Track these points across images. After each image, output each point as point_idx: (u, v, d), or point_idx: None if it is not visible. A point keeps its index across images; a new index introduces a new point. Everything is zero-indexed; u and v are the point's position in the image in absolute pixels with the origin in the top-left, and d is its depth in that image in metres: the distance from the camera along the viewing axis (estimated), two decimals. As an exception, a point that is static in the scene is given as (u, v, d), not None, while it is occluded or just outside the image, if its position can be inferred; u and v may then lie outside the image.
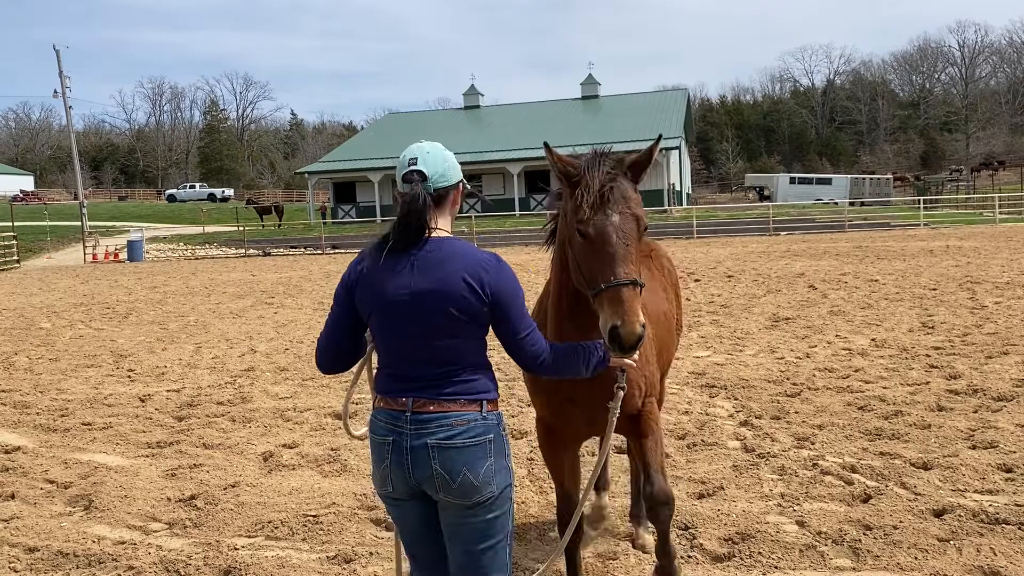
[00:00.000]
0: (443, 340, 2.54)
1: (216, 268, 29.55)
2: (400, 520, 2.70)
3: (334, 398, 7.81)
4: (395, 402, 2.59)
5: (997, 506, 4.43)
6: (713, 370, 8.26)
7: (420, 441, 2.52)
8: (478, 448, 2.53)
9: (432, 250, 2.56)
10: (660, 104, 54.70)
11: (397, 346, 2.59)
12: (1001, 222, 36.60)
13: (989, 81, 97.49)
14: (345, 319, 2.69)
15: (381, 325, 2.60)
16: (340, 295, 2.69)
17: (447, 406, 2.53)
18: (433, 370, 2.56)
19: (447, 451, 2.50)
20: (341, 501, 5.01)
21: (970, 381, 7.22)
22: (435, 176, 2.62)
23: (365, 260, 2.64)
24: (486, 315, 2.56)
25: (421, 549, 2.70)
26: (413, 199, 2.55)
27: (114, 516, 4.95)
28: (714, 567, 3.99)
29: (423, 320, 2.52)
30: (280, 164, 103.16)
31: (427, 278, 2.53)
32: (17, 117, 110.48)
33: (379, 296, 2.56)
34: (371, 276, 2.59)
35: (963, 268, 16.94)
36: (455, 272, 2.52)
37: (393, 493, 2.61)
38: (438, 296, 2.51)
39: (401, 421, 2.55)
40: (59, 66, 46.54)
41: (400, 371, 2.60)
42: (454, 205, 2.72)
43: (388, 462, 2.57)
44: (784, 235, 34.51)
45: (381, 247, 2.60)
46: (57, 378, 9.41)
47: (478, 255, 2.58)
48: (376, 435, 2.63)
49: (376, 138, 56.88)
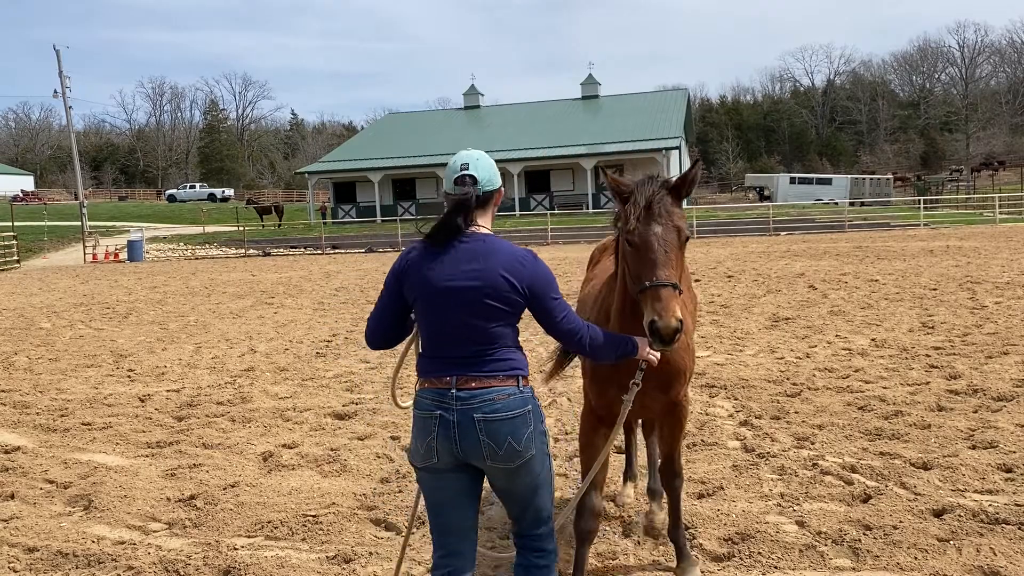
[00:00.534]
0: (482, 325, 2.84)
1: (216, 268, 29.55)
2: (438, 491, 2.91)
3: (334, 398, 7.81)
4: (439, 381, 2.87)
5: (997, 506, 4.43)
6: (713, 370, 8.26)
7: (466, 416, 2.80)
8: (519, 419, 2.84)
9: (475, 246, 2.88)
10: (660, 104, 54.68)
11: (440, 330, 2.88)
12: (1001, 222, 36.61)
13: (989, 81, 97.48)
14: (393, 304, 3.00)
15: (426, 311, 2.90)
16: (390, 282, 2.99)
17: (487, 382, 2.83)
18: (473, 350, 2.85)
19: (492, 423, 2.79)
20: (341, 501, 5.01)
21: (970, 381, 7.22)
22: (484, 181, 2.95)
23: (414, 251, 2.94)
24: (521, 306, 2.89)
25: (453, 517, 2.92)
26: (465, 200, 2.89)
27: (114, 516, 4.94)
28: (714, 567, 3.99)
29: (464, 308, 2.82)
30: (280, 164, 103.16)
31: (470, 271, 2.82)
32: (17, 117, 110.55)
33: (425, 285, 2.86)
34: (419, 266, 2.89)
35: (963, 268, 16.94)
36: (495, 267, 2.83)
37: (437, 464, 2.85)
38: (479, 288, 2.81)
39: (447, 398, 2.83)
40: (59, 66, 46.56)
41: (443, 353, 2.89)
42: (494, 207, 3.06)
43: (435, 435, 2.82)
44: (784, 235, 34.52)
45: (428, 240, 2.91)
46: (57, 378, 9.41)
47: (515, 252, 2.89)
48: (421, 411, 2.89)
49: (376, 138, 56.91)
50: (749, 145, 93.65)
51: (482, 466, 2.85)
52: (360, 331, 12.17)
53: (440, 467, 2.85)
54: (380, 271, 24.44)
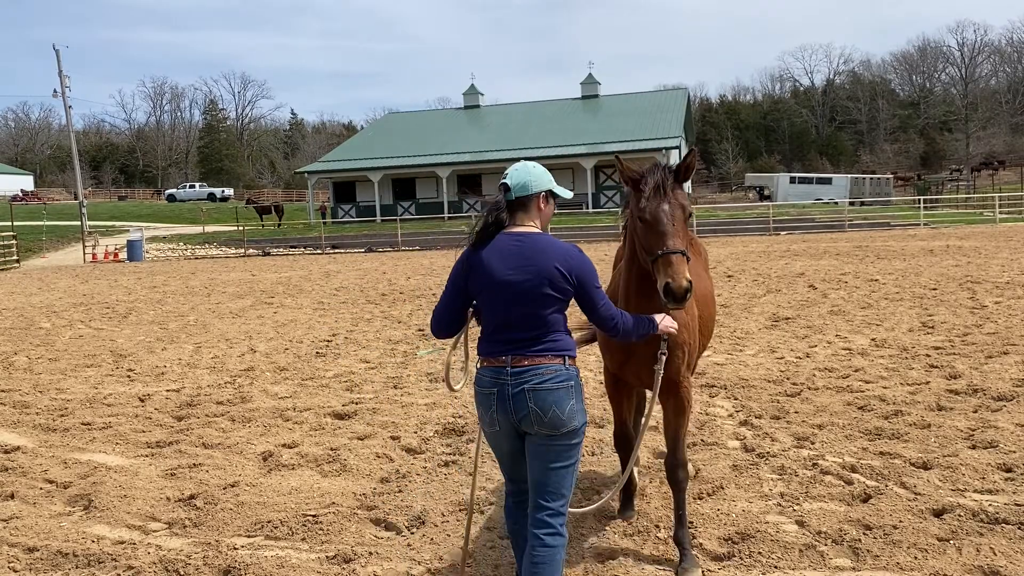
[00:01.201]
0: (536, 311, 3.24)
1: (216, 268, 29.55)
2: (500, 448, 3.42)
3: (334, 398, 7.81)
4: (496, 360, 3.27)
5: (997, 506, 4.43)
6: (713, 370, 8.26)
7: (519, 388, 3.22)
8: (563, 391, 3.23)
9: (527, 243, 3.28)
10: (660, 104, 54.65)
11: (502, 317, 3.27)
12: (1001, 222, 36.61)
13: (989, 81, 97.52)
14: (457, 298, 3.41)
15: (489, 300, 3.30)
16: (455, 278, 3.39)
17: (538, 359, 3.24)
18: (527, 334, 3.25)
19: (540, 392, 3.20)
20: (341, 501, 5.01)
21: (970, 381, 7.22)
22: (516, 187, 3.35)
23: (473, 253, 3.35)
24: (571, 294, 3.28)
25: (514, 466, 3.45)
26: (496, 203, 3.36)
27: (113, 516, 4.94)
28: (714, 566, 3.99)
29: (522, 297, 3.22)
30: (280, 164, 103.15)
31: (527, 266, 3.23)
32: (17, 117, 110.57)
33: (489, 279, 3.26)
34: (481, 264, 3.29)
35: (963, 268, 16.94)
36: (549, 261, 3.23)
37: (499, 431, 3.34)
38: (536, 280, 3.21)
39: (503, 375, 3.25)
40: (59, 66, 46.55)
41: (500, 336, 3.28)
42: (539, 209, 3.39)
43: (494, 408, 3.28)
44: (784, 235, 34.52)
45: (474, 244, 3.35)
46: (57, 378, 9.41)
47: (565, 248, 3.30)
48: (482, 387, 3.31)
49: (376, 138, 56.87)
50: (749, 145, 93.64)
51: (531, 431, 3.26)
52: (359, 331, 12.19)
53: (501, 432, 3.34)
54: (380, 271, 24.44)
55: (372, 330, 12.23)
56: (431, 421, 6.80)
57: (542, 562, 3.20)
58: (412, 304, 15.36)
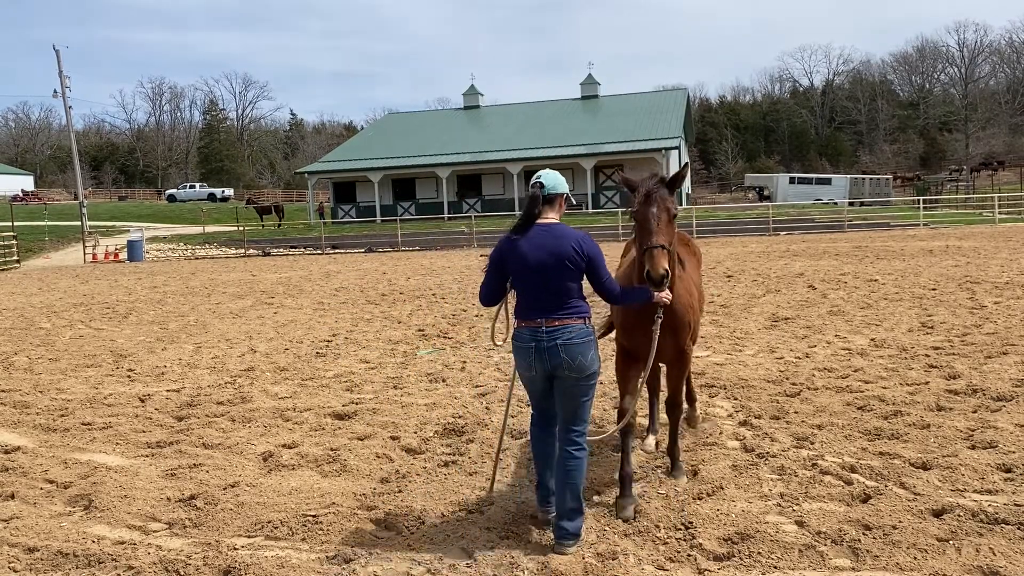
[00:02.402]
0: (560, 283, 4.21)
1: (216, 268, 29.56)
2: (533, 386, 4.41)
3: (334, 398, 7.82)
4: (533, 322, 4.24)
5: (996, 506, 4.44)
6: (712, 370, 8.27)
7: (552, 343, 4.19)
8: (585, 344, 4.23)
9: (549, 231, 4.27)
10: (660, 104, 54.65)
11: (532, 289, 4.23)
12: (1001, 222, 36.63)
13: (989, 81, 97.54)
14: (498, 276, 4.39)
15: (523, 277, 4.25)
16: (495, 261, 4.37)
17: (565, 320, 4.22)
18: (554, 300, 4.22)
19: (569, 346, 4.19)
20: (341, 501, 5.01)
21: (969, 381, 7.22)
22: (548, 187, 4.35)
23: (507, 242, 4.30)
24: (584, 268, 4.24)
25: (540, 399, 4.45)
26: (534, 198, 4.32)
27: (114, 516, 4.94)
28: (714, 566, 3.99)
29: (549, 272, 4.20)
30: (280, 164, 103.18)
31: (552, 248, 4.20)
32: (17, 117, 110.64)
33: (521, 260, 4.23)
34: (515, 249, 4.26)
35: (962, 268, 16.95)
36: (568, 244, 4.21)
37: (534, 375, 4.31)
38: (558, 258, 4.18)
39: (539, 333, 4.22)
40: (59, 66, 46.56)
41: (535, 304, 4.24)
42: (560, 208, 4.41)
43: (532, 358, 4.24)
44: (784, 235, 34.53)
45: (516, 231, 4.29)
46: (57, 378, 9.41)
47: (578, 234, 4.28)
48: (522, 343, 4.29)
49: (376, 138, 56.87)
50: (748, 145, 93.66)
51: (561, 374, 4.24)
52: (360, 331, 12.21)
53: (536, 376, 4.32)
54: (380, 271, 24.45)
55: (372, 330, 12.24)
56: (431, 421, 6.80)
57: (573, 468, 4.26)
58: (412, 304, 15.36)
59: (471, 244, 36.94)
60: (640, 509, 4.67)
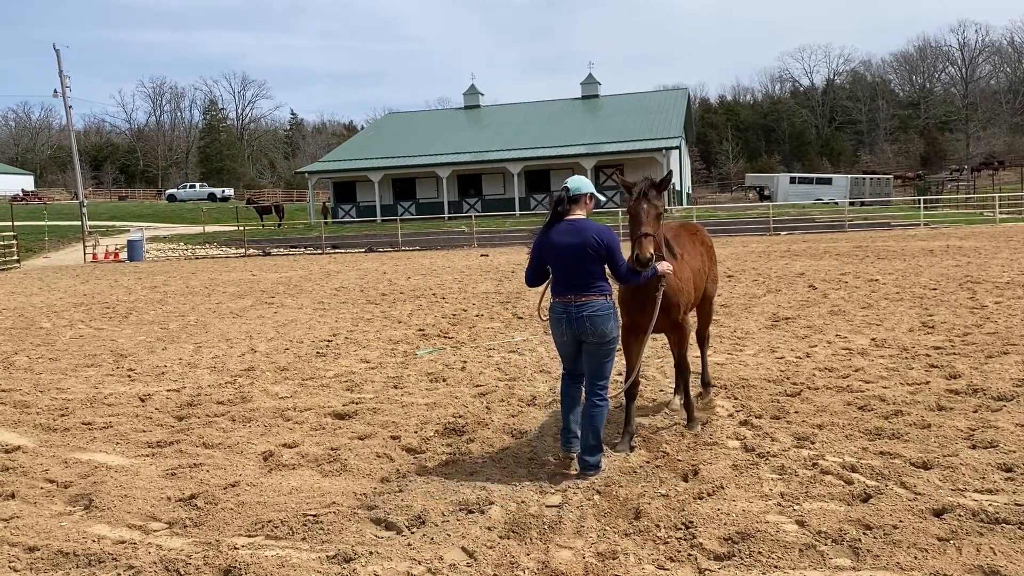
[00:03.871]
0: (585, 266, 5.15)
1: (216, 268, 29.55)
2: (564, 349, 5.40)
3: (334, 398, 7.82)
4: (564, 298, 5.20)
5: (997, 506, 4.43)
6: (713, 370, 8.26)
7: (580, 315, 5.15)
8: (607, 315, 5.18)
9: (576, 226, 5.21)
10: (660, 104, 54.63)
11: (564, 271, 5.20)
12: (1001, 222, 36.62)
13: (989, 81, 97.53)
14: (538, 262, 5.36)
15: (556, 262, 5.23)
16: (535, 249, 5.33)
17: (590, 296, 5.16)
18: (581, 281, 5.16)
19: (593, 317, 5.14)
20: (341, 501, 5.01)
21: (970, 381, 7.22)
22: (573, 188, 5.31)
23: (543, 235, 5.28)
24: (604, 254, 5.16)
25: (571, 359, 5.43)
26: (559, 199, 5.30)
27: (114, 515, 4.94)
28: (714, 566, 3.99)
29: (575, 258, 5.14)
30: (280, 164, 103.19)
31: (578, 238, 5.14)
32: (17, 117, 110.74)
33: (554, 249, 5.21)
34: (548, 240, 5.24)
35: (963, 268, 16.94)
36: (590, 235, 5.15)
37: (566, 340, 5.30)
38: (582, 246, 5.13)
39: (570, 307, 5.18)
40: (59, 66, 46.57)
41: (565, 283, 5.21)
42: (587, 205, 5.35)
43: (564, 327, 5.23)
44: (784, 235, 34.53)
45: (545, 225, 5.31)
46: (57, 377, 9.41)
47: (599, 226, 5.22)
48: (556, 315, 5.27)
49: (376, 138, 56.87)
50: (749, 145, 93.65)
51: (586, 340, 5.21)
52: (360, 331, 12.21)
53: (567, 341, 5.31)
54: (380, 271, 24.45)
55: (372, 330, 12.24)
56: (431, 421, 6.80)
57: (596, 414, 5.23)
58: (412, 304, 15.36)
59: (471, 244, 36.93)
60: (635, 447, 5.76)
